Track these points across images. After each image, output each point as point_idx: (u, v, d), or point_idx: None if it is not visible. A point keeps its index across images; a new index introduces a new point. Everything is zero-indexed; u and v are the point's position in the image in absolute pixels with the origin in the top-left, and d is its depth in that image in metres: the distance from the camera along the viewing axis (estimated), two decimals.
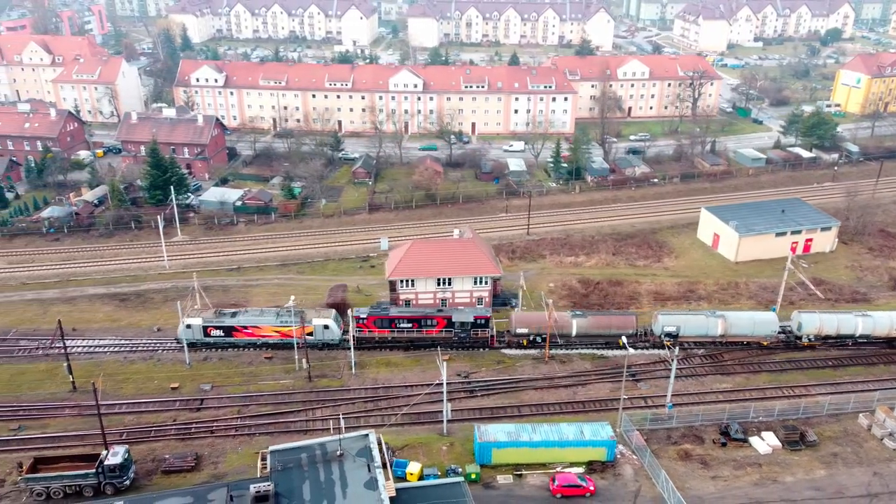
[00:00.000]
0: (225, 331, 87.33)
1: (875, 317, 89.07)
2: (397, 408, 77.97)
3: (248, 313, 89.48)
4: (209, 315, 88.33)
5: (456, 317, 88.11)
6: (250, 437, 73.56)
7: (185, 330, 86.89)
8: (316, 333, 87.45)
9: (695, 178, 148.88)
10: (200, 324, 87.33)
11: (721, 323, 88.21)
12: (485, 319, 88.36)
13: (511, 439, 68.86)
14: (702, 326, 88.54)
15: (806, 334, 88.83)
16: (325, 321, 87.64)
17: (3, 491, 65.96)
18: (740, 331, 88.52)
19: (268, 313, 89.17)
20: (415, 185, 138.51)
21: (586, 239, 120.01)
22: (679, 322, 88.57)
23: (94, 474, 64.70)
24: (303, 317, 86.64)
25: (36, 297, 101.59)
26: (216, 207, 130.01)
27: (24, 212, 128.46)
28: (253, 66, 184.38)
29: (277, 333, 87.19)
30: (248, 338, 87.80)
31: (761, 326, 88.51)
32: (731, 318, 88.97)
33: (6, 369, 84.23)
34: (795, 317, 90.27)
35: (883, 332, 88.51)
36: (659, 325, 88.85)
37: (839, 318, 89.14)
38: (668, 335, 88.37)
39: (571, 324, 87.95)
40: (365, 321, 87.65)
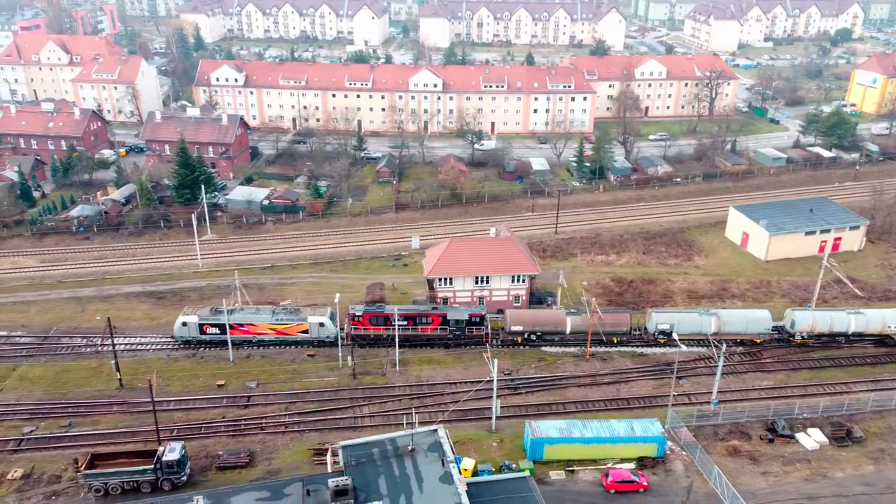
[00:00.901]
0: (221, 328, 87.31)
1: (867, 314, 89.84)
2: (443, 405, 78.48)
3: (244, 311, 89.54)
4: (205, 313, 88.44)
5: (451, 315, 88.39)
6: (300, 433, 73.96)
7: (181, 328, 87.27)
8: (311, 331, 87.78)
9: (717, 177, 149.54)
10: (196, 321, 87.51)
11: (714, 321, 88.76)
12: (479, 317, 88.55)
13: (563, 435, 69.38)
14: (695, 324, 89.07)
15: (799, 332, 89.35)
16: (320, 319, 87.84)
17: (60, 487, 66.40)
18: (733, 328, 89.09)
19: (263, 311, 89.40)
20: (440, 184, 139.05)
21: (615, 238, 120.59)
22: (673, 320, 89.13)
23: (151, 470, 65.19)
24: (298, 314, 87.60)
25: (73, 295, 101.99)
26: (243, 206, 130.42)
27: (51, 211, 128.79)
28: (272, 65, 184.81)
29: (273, 331, 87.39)
30: (244, 335, 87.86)
31: (754, 324, 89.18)
32: (725, 315, 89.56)
33: (51, 367, 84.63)
34: (788, 314, 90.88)
35: (875, 330, 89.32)
36: (653, 322, 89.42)
37: (832, 315, 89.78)
38: (662, 333, 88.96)
39: (566, 321, 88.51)
40: (360, 318, 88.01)
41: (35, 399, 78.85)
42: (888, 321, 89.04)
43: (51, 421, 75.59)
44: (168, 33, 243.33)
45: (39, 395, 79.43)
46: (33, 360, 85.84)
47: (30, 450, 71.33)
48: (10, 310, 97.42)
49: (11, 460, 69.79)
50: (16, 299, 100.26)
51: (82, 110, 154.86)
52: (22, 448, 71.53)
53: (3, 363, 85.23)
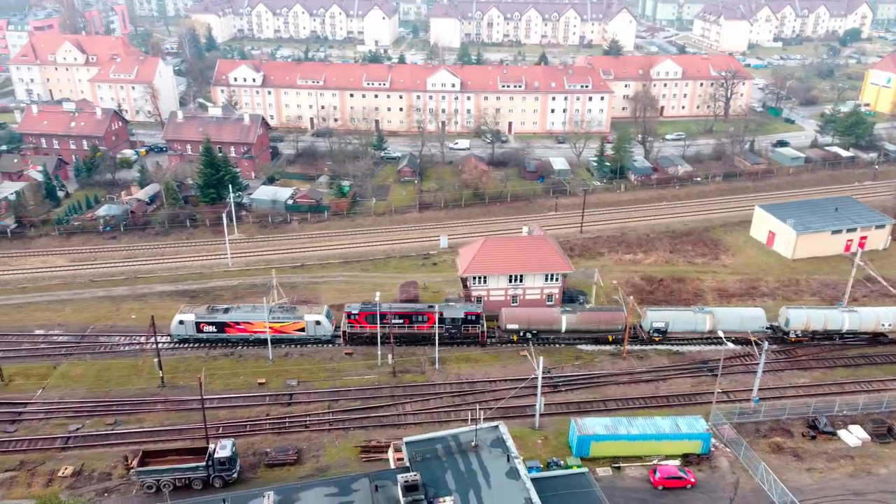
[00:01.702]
0: (217, 327, 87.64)
1: (861, 312, 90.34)
2: (485, 402, 78.88)
3: (241, 309, 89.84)
4: (202, 311, 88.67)
5: (447, 313, 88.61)
6: (345, 431, 74.38)
7: (177, 326, 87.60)
8: (308, 329, 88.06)
9: (737, 176, 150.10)
10: (193, 320, 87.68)
11: (709, 319, 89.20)
12: (475, 315, 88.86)
13: (609, 432, 69.84)
14: (690, 322, 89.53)
15: (793, 330, 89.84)
16: (316, 317, 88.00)
17: (111, 484, 66.80)
18: (728, 326, 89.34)
19: (260, 309, 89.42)
20: (463, 183, 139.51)
21: (641, 237, 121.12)
22: (668, 318, 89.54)
23: (203, 467, 65.61)
24: (295, 312, 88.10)
25: (106, 294, 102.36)
26: (268, 206, 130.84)
27: (77, 210, 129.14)
28: (290, 65, 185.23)
29: (270, 329, 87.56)
30: (240, 334, 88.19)
31: (749, 322, 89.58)
32: (719, 314, 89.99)
33: (92, 365, 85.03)
34: (783, 312, 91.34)
35: (869, 328, 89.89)
36: (648, 321, 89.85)
37: (826, 313, 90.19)
38: (656, 331, 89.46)
39: (561, 319, 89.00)
40: (356, 317, 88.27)
41: (78, 397, 79.23)
42: (882, 319, 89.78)
43: (96, 419, 75.96)
44: (181, 33, 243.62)
45: (82, 394, 79.81)
46: (73, 359, 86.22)
47: (77, 447, 71.69)
48: (45, 308, 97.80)
49: (60, 458, 70.17)
50: (50, 298, 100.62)
51: (104, 110, 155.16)
52: (69, 446, 71.87)
53: (44, 361, 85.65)
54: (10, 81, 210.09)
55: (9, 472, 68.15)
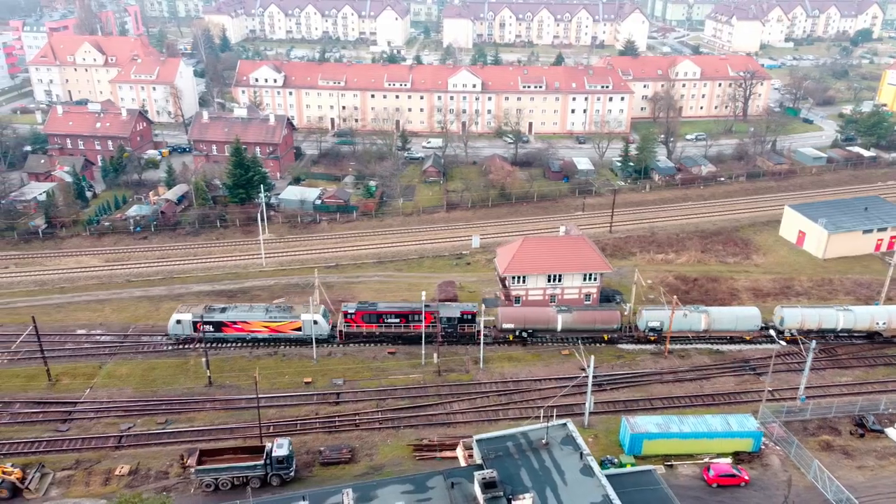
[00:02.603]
0: (215, 326, 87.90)
1: (856, 311, 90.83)
2: (531, 401, 79.40)
3: (238, 309, 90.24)
4: (199, 311, 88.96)
5: (443, 312, 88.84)
6: (395, 429, 74.83)
7: (175, 325, 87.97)
8: (305, 328, 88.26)
9: (760, 176, 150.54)
10: (190, 319, 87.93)
11: (704, 318, 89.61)
12: (471, 315, 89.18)
13: (661, 430, 70.27)
14: (685, 322, 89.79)
15: (788, 328, 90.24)
16: (313, 316, 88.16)
17: (168, 482, 67.21)
18: (723, 326, 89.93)
19: (257, 309, 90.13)
20: (488, 183, 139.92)
21: (671, 236, 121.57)
22: (664, 317, 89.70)
23: (261, 466, 66.05)
24: (292, 312, 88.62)
25: (144, 294, 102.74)
26: (296, 206, 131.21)
27: (106, 210, 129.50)
28: (311, 66, 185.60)
29: (267, 329, 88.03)
30: (237, 333, 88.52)
31: (744, 321, 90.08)
32: (714, 313, 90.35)
33: (137, 364, 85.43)
34: (778, 311, 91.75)
35: (864, 327, 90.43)
36: (643, 320, 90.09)
37: (820, 312, 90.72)
38: (652, 330, 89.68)
39: (557, 318, 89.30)
40: (353, 316, 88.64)
41: (126, 396, 79.69)
42: (877, 318, 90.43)
43: (146, 418, 76.41)
44: (197, 34, 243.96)
45: (130, 393, 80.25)
46: (118, 358, 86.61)
47: (131, 446, 72.21)
48: (84, 308, 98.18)
49: (115, 456, 70.63)
50: (89, 298, 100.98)
51: (129, 111, 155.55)
52: (123, 445, 72.36)
53: (89, 361, 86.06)
54: (29, 82, 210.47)
55: (66, 470, 68.63)
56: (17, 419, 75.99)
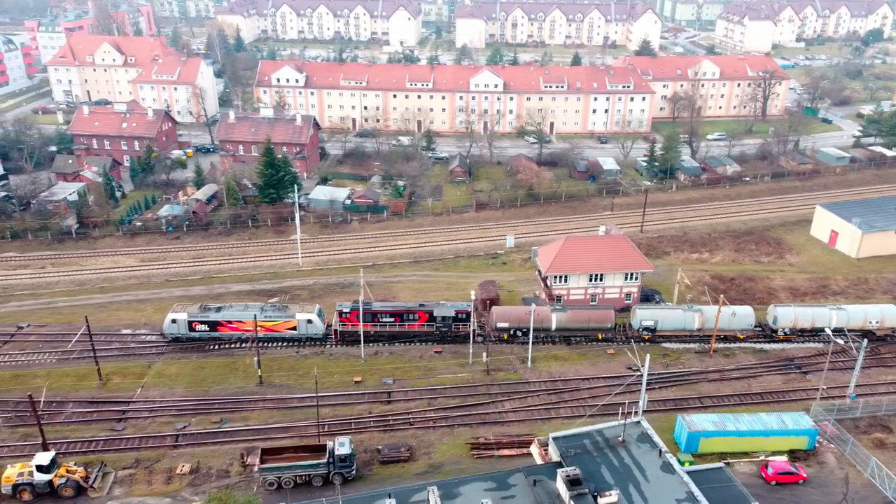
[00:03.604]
0: (210, 325, 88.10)
1: (849, 310, 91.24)
2: (582, 399, 79.81)
3: (233, 308, 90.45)
4: (194, 310, 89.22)
5: (437, 311, 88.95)
6: (450, 428, 75.18)
7: (170, 325, 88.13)
8: (299, 328, 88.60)
9: (784, 176, 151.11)
10: (186, 318, 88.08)
11: (698, 317, 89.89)
12: (466, 314, 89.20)
13: (717, 428, 70.68)
14: (679, 320, 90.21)
15: (781, 327, 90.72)
16: (308, 316, 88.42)
17: (231, 481, 67.47)
18: (718, 324, 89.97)
19: (252, 308, 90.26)
20: (515, 183, 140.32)
21: (704, 236, 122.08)
22: (657, 316, 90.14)
23: (325, 464, 66.38)
24: (287, 311, 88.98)
25: (184, 293, 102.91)
26: (326, 206, 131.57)
27: (137, 210, 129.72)
28: (333, 66, 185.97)
29: (262, 328, 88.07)
30: (232, 332, 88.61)
31: (738, 320, 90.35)
32: (708, 312, 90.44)
33: (185, 364, 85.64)
34: (771, 310, 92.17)
35: (857, 325, 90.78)
36: (637, 319, 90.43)
37: (814, 311, 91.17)
38: (646, 329, 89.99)
39: (551, 318, 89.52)
40: (348, 315, 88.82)
41: (178, 396, 79.91)
42: (870, 317, 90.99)
43: (201, 416, 76.65)
44: (212, 34, 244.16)
45: (182, 392, 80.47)
46: (165, 358, 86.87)
47: (188, 445, 72.37)
48: (127, 308, 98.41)
49: (174, 455, 70.88)
50: (129, 298, 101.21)
51: (155, 111, 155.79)
52: (180, 443, 72.59)
53: (138, 360, 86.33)
54: (47, 82, 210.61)
55: (126, 469, 68.85)
56: (72, 419, 76.19)
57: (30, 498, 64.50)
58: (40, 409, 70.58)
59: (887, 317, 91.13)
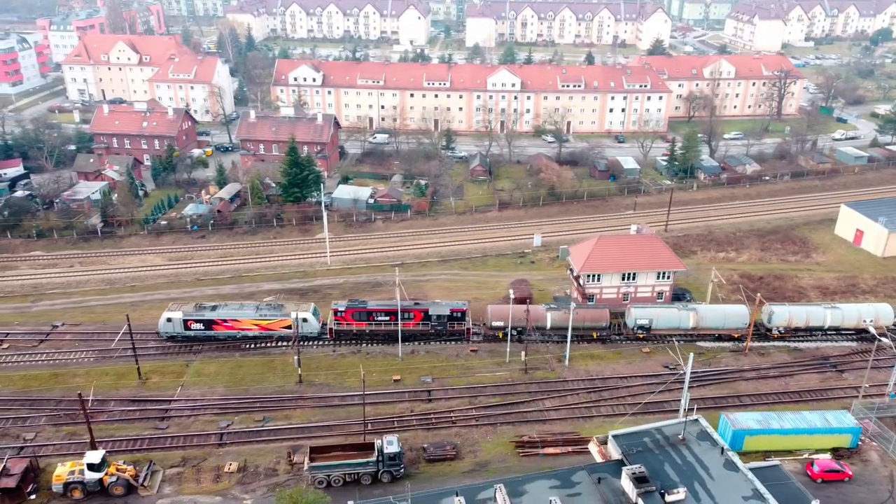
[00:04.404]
0: (205, 324, 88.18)
1: (843, 309, 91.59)
2: (621, 398, 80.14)
3: (228, 307, 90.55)
4: (189, 309, 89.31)
5: (433, 310, 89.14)
6: (493, 426, 75.41)
7: (165, 323, 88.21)
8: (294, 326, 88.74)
9: (804, 175, 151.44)
10: (181, 317, 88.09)
11: (693, 316, 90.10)
12: (461, 312, 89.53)
13: (762, 427, 70.90)
14: (674, 319, 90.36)
15: (776, 326, 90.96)
16: (303, 314, 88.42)
17: (279, 479, 67.64)
18: (711, 323, 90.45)
19: (247, 307, 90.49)
20: (539, 182, 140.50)
21: (729, 235, 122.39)
22: (652, 315, 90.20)
23: (374, 463, 66.58)
24: (282, 310, 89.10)
25: (215, 292, 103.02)
26: (349, 205, 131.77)
27: (161, 209, 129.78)
28: (349, 65, 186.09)
29: (257, 326, 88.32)
30: (228, 331, 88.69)
31: (732, 319, 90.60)
32: (703, 310, 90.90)
33: (223, 363, 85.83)
34: (766, 309, 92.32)
35: (851, 324, 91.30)
36: (632, 317, 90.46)
37: (808, 310, 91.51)
38: (640, 328, 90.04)
39: (546, 316, 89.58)
40: (343, 314, 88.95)
41: (219, 394, 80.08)
42: (864, 315, 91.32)
43: (243, 415, 76.88)
44: (224, 33, 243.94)
45: (222, 391, 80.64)
46: (202, 356, 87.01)
47: (233, 443, 72.57)
48: (159, 307, 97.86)
49: (220, 453, 71.03)
50: (161, 296, 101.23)
51: (175, 110, 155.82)
52: (225, 442, 72.79)
53: (175, 359, 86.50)
54: (60, 81, 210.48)
55: (174, 468, 68.98)
56: (114, 417, 76.37)
57: (80, 496, 64.63)
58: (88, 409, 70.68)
59: (882, 316, 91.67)
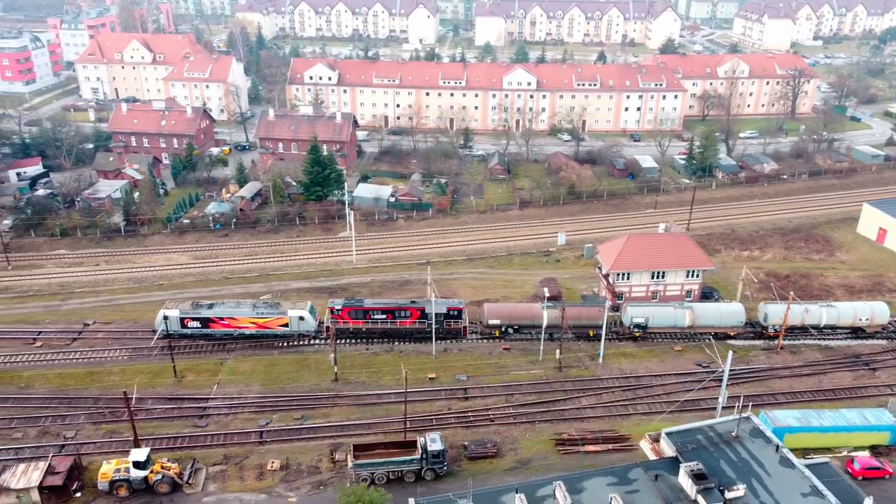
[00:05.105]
0: (202, 322, 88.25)
1: (839, 307, 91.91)
2: (656, 396, 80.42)
3: (225, 305, 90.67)
4: (186, 307, 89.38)
5: (429, 308, 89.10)
6: (531, 424, 75.66)
7: (162, 321, 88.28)
8: (291, 324, 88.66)
9: (822, 174, 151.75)
10: (178, 315, 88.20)
11: (689, 314, 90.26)
12: (458, 311, 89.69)
13: (801, 424, 71.23)
14: (670, 317, 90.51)
15: (772, 324, 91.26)
16: (300, 312, 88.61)
17: (323, 477, 67.86)
18: (707, 322, 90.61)
19: (244, 305, 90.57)
20: (558, 181, 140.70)
21: (752, 234, 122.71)
22: (648, 313, 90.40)
23: (418, 460, 66.81)
24: (279, 308, 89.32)
25: (244, 291, 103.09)
26: (370, 203, 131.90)
27: (183, 208, 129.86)
28: (365, 64, 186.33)
29: (254, 325, 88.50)
30: (224, 329, 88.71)
31: (728, 317, 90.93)
32: (699, 309, 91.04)
33: (258, 361, 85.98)
34: (762, 308, 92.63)
35: (847, 322, 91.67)
36: (628, 316, 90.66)
37: (803, 308, 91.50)
38: (637, 326, 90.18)
39: (542, 314, 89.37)
40: (340, 312, 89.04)
41: (256, 393, 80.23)
42: (859, 314, 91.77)
43: (282, 413, 77.02)
44: (235, 32, 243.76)
45: (259, 389, 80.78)
46: (236, 355, 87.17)
47: (273, 441, 72.74)
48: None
49: (261, 451, 71.19)
50: (191, 295, 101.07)
51: (194, 108, 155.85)
52: (265, 440, 72.94)
53: (209, 357, 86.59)
54: (72, 80, 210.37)
55: (217, 465, 69.16)
56: (153, 415, 76.50)
57: (126, 494, 64.84)
58: (125, 407, 70.76)
59: (877, 314, 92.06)
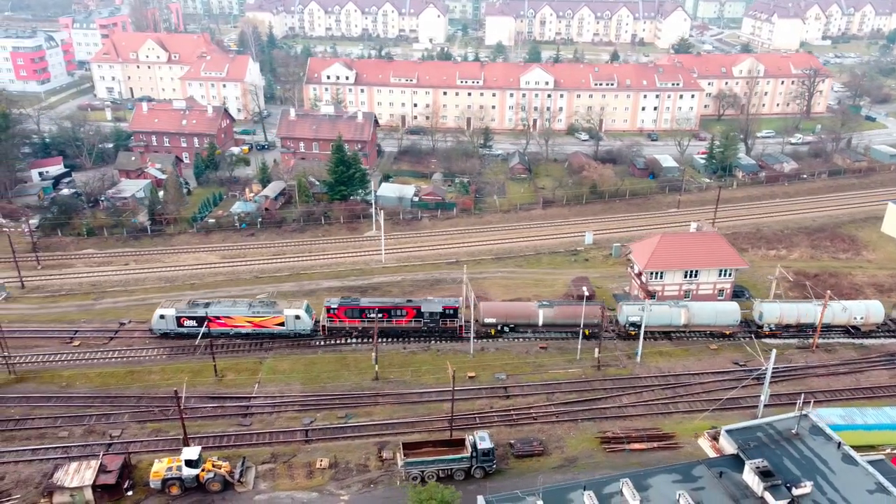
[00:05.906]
0: (198, 321, 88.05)
1: (834, 307, 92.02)
2: (696, 394, 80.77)
3: (221, 304, 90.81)
4: (182, 306, 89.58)
5: (425, 307, 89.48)
6: (574, 422, 75.97)
7: (158, 320, 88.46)
8: (287, 324, 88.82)
9: (841, 173, 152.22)
10: (174, 314, 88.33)
11: (684, 313, 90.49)
12: (454, 310, 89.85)
13: (846, 422, 71.34)
14: (665, 316, 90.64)
15: (767, 323, 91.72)
16: (296, 311, 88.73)
17: (372, 475, 68.08)
18: (703, 320, 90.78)
19: (240, 304, 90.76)
20: (580, 180, 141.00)
21: (777, 233, 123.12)
22: (643, 312, 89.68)
23: (468, 458, 67.10)
24: (275, 307, 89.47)
25: (275, 289, 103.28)
26: (394, 203, 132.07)
27: (208, 207, 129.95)
28: (382, 63, 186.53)
29: (250, 324, 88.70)
30: (221, 328, 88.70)
31: (723, 316, 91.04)
32: (694, 308, 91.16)
33: (297, 360, 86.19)
34: (757, 306, 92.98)
35: (842, 321, 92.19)
36: (624, 314, 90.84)
37: (799, 307, 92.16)
38: (632, 325, 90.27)
39: (538, 313, 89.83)
40: (336, 311, 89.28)
41: (297, 391, 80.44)
42: (855, 313, 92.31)
43: (325, 412, 77.24)
44: (247, 31, 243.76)
45: (300, 388, 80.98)
46: (274, 353, 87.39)
47: (319, 440, 72.97)
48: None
49: (308, 450, 71.40)
50: (222, 294, 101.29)
51: (215, 108, 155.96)
52: (311, 438, 73.16)
53: (248, 357, 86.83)
54: (87, 79, 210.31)
55: (265, 464, 69.36)
56: (197, 414, 76.66)
57: (178, 492, 65.01)
58: (167, 406, 70.95)
59: (872, 313, 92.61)
